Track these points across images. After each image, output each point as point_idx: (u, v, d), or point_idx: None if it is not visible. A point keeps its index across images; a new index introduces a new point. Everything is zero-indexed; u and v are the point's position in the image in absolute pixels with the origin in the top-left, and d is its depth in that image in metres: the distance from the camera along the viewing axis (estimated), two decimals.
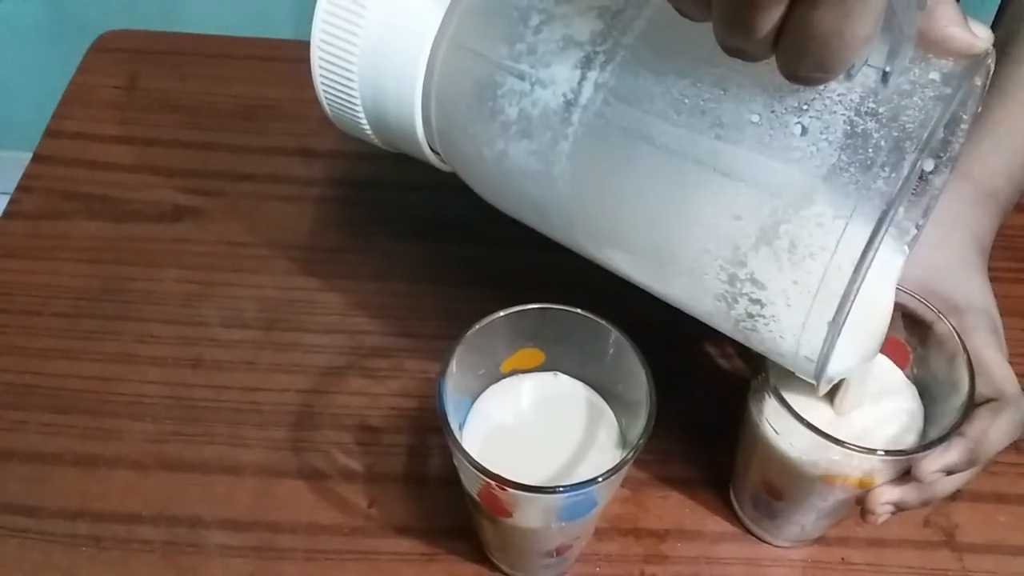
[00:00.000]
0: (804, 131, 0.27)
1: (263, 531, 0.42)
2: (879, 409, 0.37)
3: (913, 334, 0.37)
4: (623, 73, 0.30)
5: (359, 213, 0.54)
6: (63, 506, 0.42)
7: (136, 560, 0.41)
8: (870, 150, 0.26)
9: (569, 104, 0.31)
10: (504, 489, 0.31)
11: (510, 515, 0.34)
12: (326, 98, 0.38)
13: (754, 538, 0.42)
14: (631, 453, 0.32)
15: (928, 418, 0.37)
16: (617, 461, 0.32)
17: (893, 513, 0.36)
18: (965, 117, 0.31)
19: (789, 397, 0.34)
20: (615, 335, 0.35)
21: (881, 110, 0.26)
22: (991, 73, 0.29)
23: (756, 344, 0.31)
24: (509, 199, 0.36)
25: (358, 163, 0.56)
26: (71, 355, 0.47)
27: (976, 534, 0.43)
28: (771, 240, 0.28)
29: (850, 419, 0.36)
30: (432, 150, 0.38)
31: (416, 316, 0.49)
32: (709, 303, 0.31)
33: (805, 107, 0.27)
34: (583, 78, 0.31)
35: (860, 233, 0.26)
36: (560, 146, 0.32)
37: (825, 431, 0.33)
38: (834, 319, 0.27)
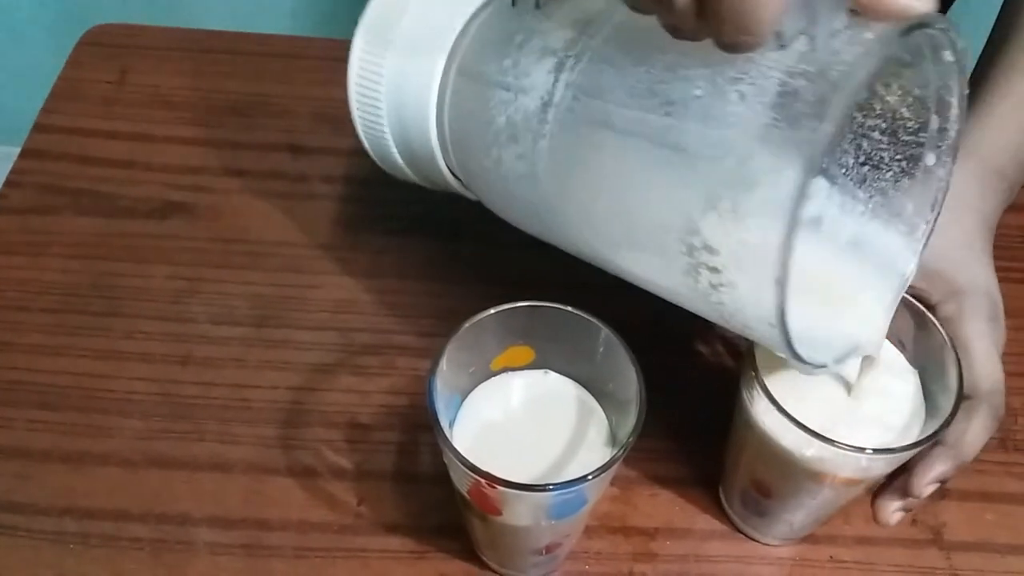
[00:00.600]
0: (742, 97, 0.28)
1: (252, 528, 0.42)
2: (882, 391, 0.37)
3: (903, 331, 0.37)
4: (589, 70, 0.32)
5: (351, 210, 0.54)
6: (51, 503, 0.42)
7: (124, 557, 0.40)
8: (798, 104, 0.27)
9: (545, 105, 0.33)
10: (494, 487, 0.31)
11: (500, 513, 0.34)
12: (368, 141, 0.42)
13: (743, 536, 0.43)
14: (621, 451, 0.32)
15: (928, 406, 0.37)
16: (607, 459, 0.32)
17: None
18: (952, 100, 0.31)
19: (779, 394, 0.34)
20: (605, 333, 0.35)
21: (812, 69, 0.27)
22: (959, 47, 0.29)
23: (728, 320, 0.32)
24: (511, 207, 0.38)
25: (350, 160, 0.56)
26: (59, 351, 0.47)
27: (964, 532, 0.43)
28: (715, 203, 0.29)
29: (846, 409, 0.36)
30: (455, 176, 0.40)
31: (407, 314, 0.49)
32: (680, 281, 0.32)
33: (742, 76, 0.28)
34: (556, 80, 0.33)
35: (791, 184, 0.27)
36: (540, 145, 0.33)
37: (814, 428, 0.33)
38: (779, 276, 0.27)
